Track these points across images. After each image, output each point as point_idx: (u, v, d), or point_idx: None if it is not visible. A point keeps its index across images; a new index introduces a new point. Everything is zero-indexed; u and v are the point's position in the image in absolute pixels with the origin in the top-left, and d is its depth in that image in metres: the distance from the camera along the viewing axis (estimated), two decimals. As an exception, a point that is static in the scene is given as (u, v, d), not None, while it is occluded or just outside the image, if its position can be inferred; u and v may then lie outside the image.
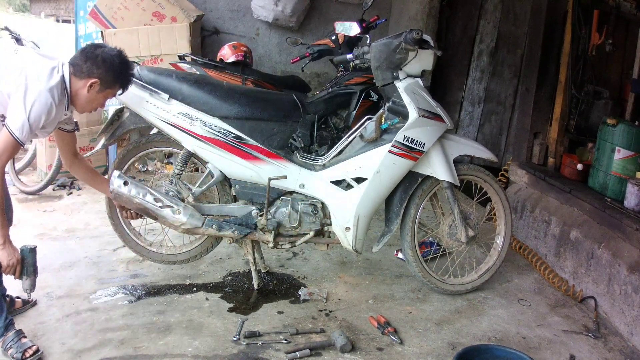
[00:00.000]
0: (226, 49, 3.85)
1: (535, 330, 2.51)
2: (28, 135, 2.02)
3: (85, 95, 2.12)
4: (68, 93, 2.10)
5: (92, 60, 2.08)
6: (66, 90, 2.09)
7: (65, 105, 2.12)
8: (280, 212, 2.58)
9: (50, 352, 2.12)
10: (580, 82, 3.65)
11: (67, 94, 2.10)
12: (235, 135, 2.52)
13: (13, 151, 2.05)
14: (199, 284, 2.75)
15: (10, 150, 2.02)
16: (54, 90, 2.03)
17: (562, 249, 3.10)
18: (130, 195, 2.47)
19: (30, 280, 2.16)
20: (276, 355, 2.18)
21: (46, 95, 2.01)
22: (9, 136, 2.00)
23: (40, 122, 2.03)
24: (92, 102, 2.18)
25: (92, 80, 2.08)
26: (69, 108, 2.16)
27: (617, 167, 3.05)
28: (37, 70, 2.04)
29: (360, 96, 3.07)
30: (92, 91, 2.12)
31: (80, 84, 2.10)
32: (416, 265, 2.71)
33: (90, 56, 2.09)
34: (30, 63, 2.08)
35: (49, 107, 2.02)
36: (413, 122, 2.45)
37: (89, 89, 2.11)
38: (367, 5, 3.49)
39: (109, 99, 2.24)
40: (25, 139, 2.03)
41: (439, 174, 2.59)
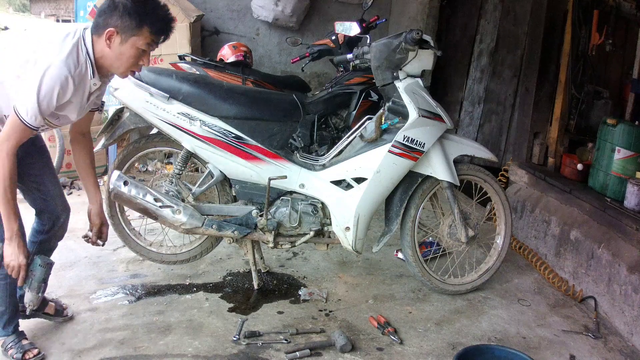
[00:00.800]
0: (226, 49, 3.85)
1: (535, 330, 2.51)
2: (38, 117, 1.78)
3: (109, 52, 1.83)
4: (91, 58, 1.83)
5: (105, 10, 1.81)
6: (88, 55, 1.82)
7: (90, 74, 1.85)
8: (280, 212, 2.58)
9: (50, 352, 2.12)
10: (580, 82, 3.65)
11: (91, 60, 1.83)
12: (235, 135, 2.52)
13: (22, 135, 1.80)
14: (199, 284, 2.75)
15: (19, 134, 1.79)
16: (69, 59, 1.77)
17: (562, 249, 3.10)
18: (130, 195, 2.47)
19: (32, 295, 1.95)
20: (276, 355, 2.18)
21: (59, 67, 1.75)
22: (15, 119, 1.77)
23: (54, 100, 1.78)
24: (120, 58, 1.84)
25: (108, 31, 1.79)
26: (96, 76, 1.88)
27: (617, 167, 3.06)
28: (48, 39, 1.80)
29: (360, 96, 3.08)
30: (113, 44, 1.81)
31: (101, 41, 1.81)
32: (416, 265, 2.71)
33: (104, 7, 1.81)
34: (41, 35, 1.84)
35: (62, 80, 1.75)
36: (413, 122, 2.45)
37: (108, 43, 1.81)
38: (367, 5, 3.49)
39: (143, 48, 1.84)
40: (36, 122, 1.79)
41: (439, 174, 2.59)
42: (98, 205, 2.25)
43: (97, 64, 1.86)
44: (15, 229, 1.83)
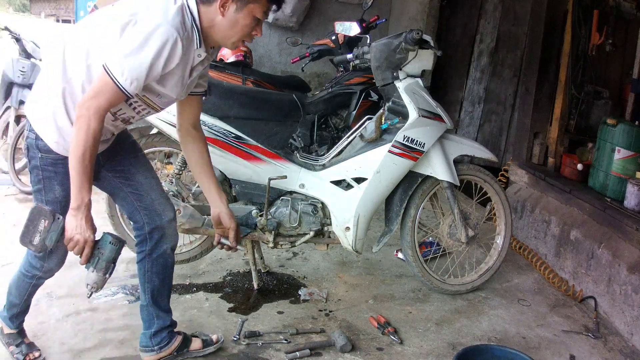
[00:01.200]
0: (226, 49, 3.85)
1: (535, 330, 2.51)
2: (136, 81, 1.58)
3: (221, 21, 1.67)
4: (198, 26, 1.66)
5: None
6: (194, 22, 1.65)
7: (195, 43, 1.67)
8: (280, 212, 2.58)
9: (50, 352, 2.12)
10: (580, 82, 3.65)
11: (197, 27, 1.66)
12: (235, 135, 2.52)
13: (112, 98, 1.59)
14: (199, 284, 2.75)
15: (109, 95, 1.59)
16: (177, 21, 1.58)
17: (562, 249, 3.10)
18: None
19: (97, 276, 1.77)
20: (276, 355, 2.18)
21: (168, 28, 1.56)
22: (106, 79, 1.57)
23: (160, 64, 1.58)
24: (234, 27, 1.69)
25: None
26: (202, 46, 1.71)
27: (617, 167, 3.06)
28: (146, 4, 1.61)
29: (360, 96, 3.07)
30: (227, 12, 1.66)
31: (212, 9, 1.65)
32: (416, 265, 2.71)
33: None
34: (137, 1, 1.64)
35: (172, 42, 1.56)
36: (413, 122, 2.45)
37: (222, 11, 1.65)
38: (367, 5, 3.49)
39: (259, 17, 1.71)
40: (131, 87, 1.59)
41: (439, 174, 2.59)
42: (226, 207, 2.06)
43: (203, 34, 1.70)
44: (86, 200, 1.63)
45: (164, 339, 2.04)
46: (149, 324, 2.04)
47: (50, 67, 1.74)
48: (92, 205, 1.67)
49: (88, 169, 1.60)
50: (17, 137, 4.37)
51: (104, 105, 1.59)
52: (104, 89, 1.58)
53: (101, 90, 1.58)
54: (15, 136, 4.36)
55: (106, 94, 1.58)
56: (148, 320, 2.05)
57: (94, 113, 1.58)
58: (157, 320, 2.03)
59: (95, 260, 1.73)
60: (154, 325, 2.03)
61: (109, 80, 1.57)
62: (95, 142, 1.60)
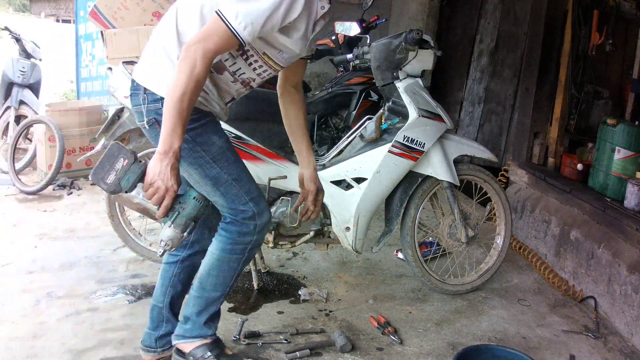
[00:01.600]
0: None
1: (535, 330, 2.51)
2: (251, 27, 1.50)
3: None
4: None
5: None
6: None
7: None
8: (281, 212, 2.58)
9: (50, 352, 2.12)
10: (580, 82, 3.65)
11: None
12: (235, 135, 2.52)
13: (223, 42, 1.51)
14: (199, 284, 2.75)
15: (219, 39, 1.50)
16: None
17: (562, 249, 3.10)
18: (130, 195, 2.46)
19: (174, 232, 1.60)
20: (276, 355, 2.18)
21: None
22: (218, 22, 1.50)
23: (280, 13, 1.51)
24: None
25: None
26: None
27: (617, 167, 3.05)
28: None
29: (360, 96, 3.08)
30: None
31: None
32: (416, 265, 2.71)
33: None
34: None
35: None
36: (413, 122, 2.45)
37: None
38: (367, 5, 3.49)
39: None
40: (245, 32, 1.50)
41: (439, 174, 2.59)
42: (312, 170, 2.06)
43: None
44: (176, 147, 1.52)
45: (168, 342, 2.03)
46: (157, 325, 2.02)
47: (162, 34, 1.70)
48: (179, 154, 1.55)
49: (185, 113, 1.50)
50: (17, 137, 4.38)
51: (212, 48, 1.50)
52: (214, 32, 1.50)
53: (210, 33, 1.50)
54: (15, 136, 4.37)
55: (215, 37, 1.50)
56: (157, 322, 2.02)
57: (201, 56, 1.49)
58: (167, 324, 2.02)
59: (174, 214, 1.59)
60: (162, 328, 2.02)
61: (220, 23, 1.49)
62: (196, 87, 1.51)
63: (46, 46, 6.41)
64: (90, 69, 5.19)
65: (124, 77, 2.56)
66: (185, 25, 1.64)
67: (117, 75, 2.59)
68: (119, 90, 2.56)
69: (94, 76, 5.18)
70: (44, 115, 4.37)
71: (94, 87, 5.20)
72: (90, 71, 5.20)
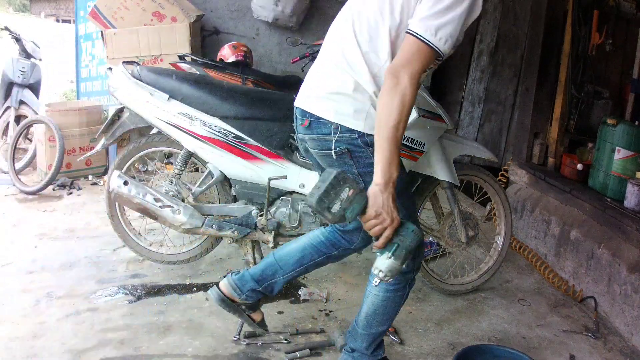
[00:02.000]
0: (226, 49, 3.85)
1: (535, 330, 2.51)
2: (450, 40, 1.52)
3: None
4: None
5: None
6: None
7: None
8: (281, 212, 2.58)
9: (50, 352, 2.12)
10: (580, 82, 3.65)
11: None
12: (235, 135, 2.52)
13: (427, 61, 1.53)
14: (199, 284, 2.75)
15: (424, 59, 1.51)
16: None
17: (562, 249, 3.10)
18: (130, 195, 2.47)
19: (393, 264, 1.54)
20: (276, 355, 2.18)
21: None
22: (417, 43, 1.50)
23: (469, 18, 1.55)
24: None
25: None
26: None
27: (617, 167, 3.06)
28: None
29: (360, 96, 3.07)
30: None
31: None
32: (416, 265, 2.71)
33: None
34: None
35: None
36: (413, 122, 2.44)
37: None
38: (367, 5, 3.49)
39: None
40: (446, 46, 1.52)
41: (439, 174, 2.59)
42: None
43: None
44: (395, 177, 1.50)
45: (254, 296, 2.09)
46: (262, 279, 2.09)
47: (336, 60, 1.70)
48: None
49: (400, 141, 1.49)
50: (17, 137, 4.38)
51: (418, 70, 1.50)
52: (415, 53, 1.50)
53: (412, 56, 1.50)
54: (15, 136, 4.37)
55: (418, 58, 1.50)
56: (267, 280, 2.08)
57: (410, 81, 1.49)
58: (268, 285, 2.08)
59: (394, 246, 1.54)
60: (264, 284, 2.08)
61: (420, 43, 1.50)
62: (408, 114, 1.51)
63: (46, 46, 6.41)
64: (90, 69, 5.19)
65: (124, 77, 2.56)
66: (372, 54, 1.64)
67: (117, 75, 2.59)
68: (119, 90, 2.56)
69: (94, 76, 5.18)
70: (44, 115, 4.36)
71: (94, 87, 5.20)
72: (90, 71, 5.20)
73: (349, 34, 1.69)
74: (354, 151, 1.67)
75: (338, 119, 1.67)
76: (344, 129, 1.67)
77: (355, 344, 1.96)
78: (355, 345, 1.96)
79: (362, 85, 1.66)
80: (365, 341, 1.94)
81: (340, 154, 1.70)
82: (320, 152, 1.77)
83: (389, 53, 1.62)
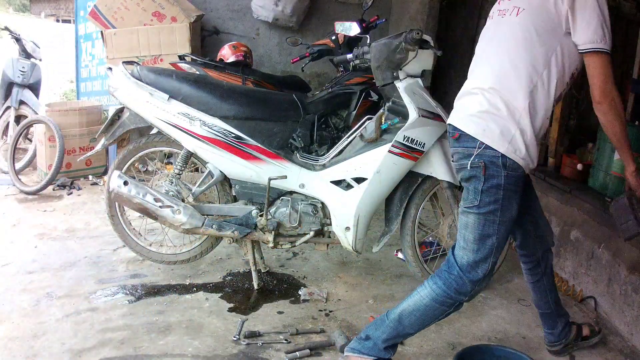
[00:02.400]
0: (226, 49, 3.86)
1: (535, 330, 2.51)
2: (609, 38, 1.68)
3: None
4: None
5: None
6: None
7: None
8: (280, 212, 2.58)
9: (50, 352, 2.12)
10: (580, 82, 3.65)
11: None
12: (235, 135, 2.52)
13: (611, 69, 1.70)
14: (199, 284, 2.75)
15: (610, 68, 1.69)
16: None
17: (562, 249, 3.10)
18: (130, 195, 2.47)
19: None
20: (276, 355, 2.18)
21: None
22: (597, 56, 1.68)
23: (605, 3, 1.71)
24: None
25: None
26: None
27: (617, 167, 3.05)
28: None
29: (360, 96, 3.07)
30: None
31: None
32: (416, 265, 2.71)
33: None
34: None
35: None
36: (413, 122, 2.45)
37: None
38: (367, 5, 3.49)
39: None
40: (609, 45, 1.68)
41: (439, 174, 2.59)
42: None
43: None
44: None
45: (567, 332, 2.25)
46: (554, 324, 2.24)
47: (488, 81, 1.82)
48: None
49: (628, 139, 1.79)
50: (17, 137, 4.38)
51: (612, 78, 1.68)
52: (605, 67, 1.66)
53: (604, 70, 1.66)
54: (15, 136, 4.37)
55: (608, 69, 1.66)
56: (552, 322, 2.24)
57: (616, 96, 1.70)
58: (560, 318, 2.24)
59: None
60: (559, 324, 2.24)
61: (602, 55, 1.66)
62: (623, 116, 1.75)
63: (46, 46, 6.41)
64: (90, 69, 5.20)
65: (124, 77, 2.56)
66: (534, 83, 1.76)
67: (117, 75, 2.59)
68: (119, 90, 2.56)
69: (94, 76, 5.18)
70: (44, 115, 4.37)
71: (94, 87, 5.21)
72: (90, 71, 5.20)
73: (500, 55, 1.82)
74: (489, 168, 1.78)
75: (484, 137, 1.79)
76: (488, 147, 1.78)
77: (374, 332, 1.97)
78: (373, 334, 1.97)
79: (513, 104, 1.77)
80: (386, 333, 1.95)
81: (475, 166, 1.80)
82: (459, 164, 1.87)
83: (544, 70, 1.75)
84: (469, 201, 1.82)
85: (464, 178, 1.86)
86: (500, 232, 1.83)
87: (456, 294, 1.88)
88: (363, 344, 1.99)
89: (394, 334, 1.96)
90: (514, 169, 1.78)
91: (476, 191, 1.80)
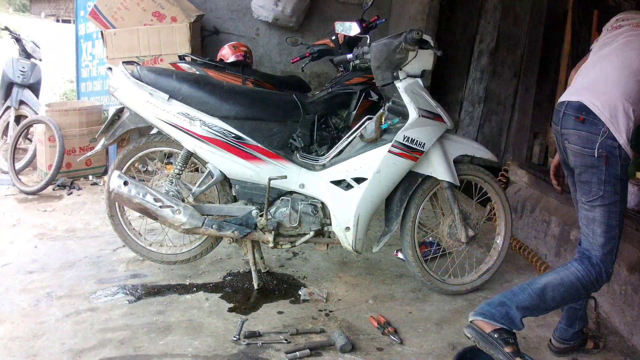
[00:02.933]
0: (226, 49, 3.85)
1: (535, 330, 2.51)
2: None
3: None
4: None
5: None
6: None
7: None
8: (280, 212, 2.58)
9: (50, 352, 2.12)
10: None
11: None
12: (235, 135, 2.52)
13: None
14: (199, 284, 2.75)
15: None
16: None
17: (562, 249, 3.10)
18: (130, 195, 2.47)
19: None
20: (276, 355, 2.18)
21: None
22: None
23: None
24: None
25: None
26: None
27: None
28: None
29: (360, 96, 3.07)
30: None
31: None
32: (416, 265, 2.71)
33: None
34: None
35: None
36: (413, 122, 2.45)
37: None
38: (367, 5, 3.49)
39: None
40: None
41: (439, 174, 2.59)
42: None
43: None
44: None
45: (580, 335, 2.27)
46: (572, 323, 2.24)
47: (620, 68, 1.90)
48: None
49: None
50: (17, 137, 4.38)
51: None
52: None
53: None
54: (15, 136, 4.37)
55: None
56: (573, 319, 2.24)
57: None
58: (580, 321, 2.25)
59: None
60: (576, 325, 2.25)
61: None
62: None
63: (46, 46, 6.41)
64: (90, 69, 5.20)
65: (124, 77, 2.56)
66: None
67: (117, 75, 2.59)
68: (119, 90, 2.56)
69: (94, 76, 5.18)
70: (44, 115, 4.37)
71: (94, 87, 5.21)
72: (90, 71, 5.20)
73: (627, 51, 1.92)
74: (610, 158, 1.86)
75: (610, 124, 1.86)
76: (610, 136, 1.86)
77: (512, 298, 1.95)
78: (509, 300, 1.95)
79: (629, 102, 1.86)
80: (525, 301, 1.93)
81: (600, 156, 1.87)
82: (580, 149, 1.92)
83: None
84: (593, 193, 1.89)
85: (585, 165, 1.91)
86: (621, 222, 1.93)
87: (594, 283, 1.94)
88: (497, 310, 1.94)
89: (532, 305, 1.94)
90: (626, 159, 1.87)
91: (600, 181, 1.87)
